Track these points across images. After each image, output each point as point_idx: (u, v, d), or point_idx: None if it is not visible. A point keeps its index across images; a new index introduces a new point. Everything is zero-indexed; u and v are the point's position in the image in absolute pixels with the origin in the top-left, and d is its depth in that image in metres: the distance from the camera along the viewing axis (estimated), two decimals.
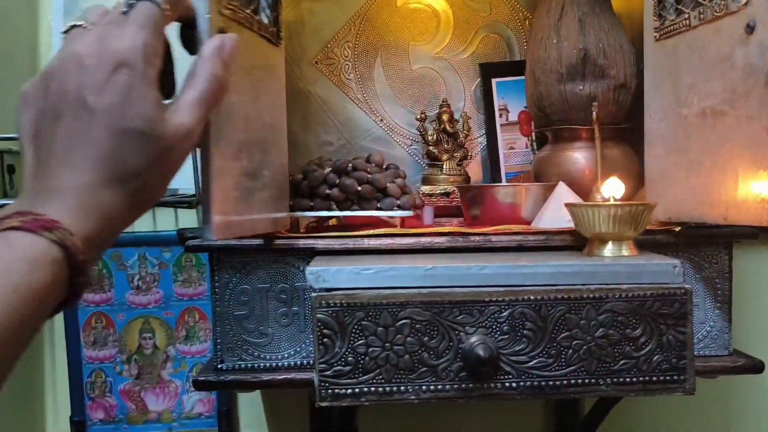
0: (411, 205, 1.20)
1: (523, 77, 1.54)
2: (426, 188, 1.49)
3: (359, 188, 1.17)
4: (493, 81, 1.57)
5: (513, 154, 1.57)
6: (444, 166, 1.50)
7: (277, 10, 1.10)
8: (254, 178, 0.98)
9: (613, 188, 1.03)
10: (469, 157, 1.53)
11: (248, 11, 0.97)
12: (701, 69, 1.00)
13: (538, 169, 1.44)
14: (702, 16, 0.99)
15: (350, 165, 1.21)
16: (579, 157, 1.37)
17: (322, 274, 0.92)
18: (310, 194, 1.20)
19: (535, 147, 1.57)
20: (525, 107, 1.58)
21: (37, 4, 1.62)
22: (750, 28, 0.90)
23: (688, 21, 1.03)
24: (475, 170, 1.61)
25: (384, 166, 1.28)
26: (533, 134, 1.57)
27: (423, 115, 1.56)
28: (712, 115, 0.97)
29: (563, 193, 1.20)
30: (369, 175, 1.19)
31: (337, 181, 1.18)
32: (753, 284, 1.66)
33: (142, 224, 1.55)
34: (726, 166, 0.95)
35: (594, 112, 1.31)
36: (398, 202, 1.19)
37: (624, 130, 1.40)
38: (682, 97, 1.05)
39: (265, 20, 1.08)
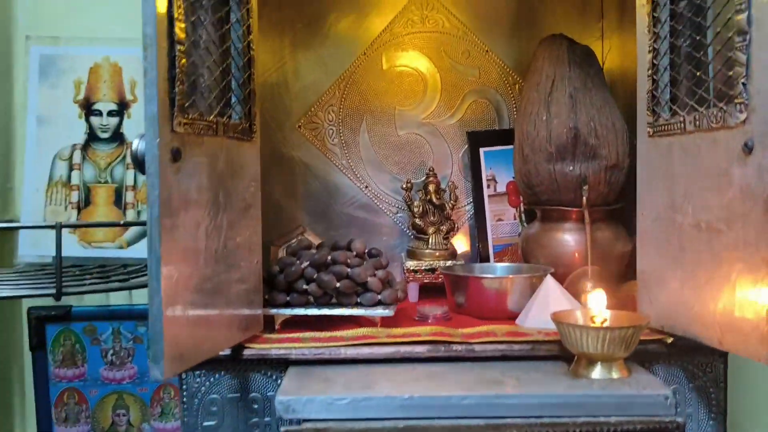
0: (393, 299, 1.15)
1: (511, 147, 1.49)
2: (411, 264, 1.43)
3: (338, 284, 1.12)
4: (481, 150, 1.52)
5: (501, 225, 1.51)
6: (430, 240, 1.45)
7: (249, 102, 1.05)
8: (218, 282, 0.93)
9: (597, 302, 0.98)
10: (455, 229, 1.48)
11: (211, 118, 0.91)
12: (696, 178, 0.95)
13: (526, 247, 1.39)
14: (698, 123, 0.95)
15: (329, 257, 1.15)
16: (569, 239, 1.32)
17: (293, 404, 0.86)
18: (287, 288, 1.14)
19: (523, 219, 1.51)
20: (513, 177, 1.52)
21: (12, 64, 1.57)
22: (748, 148, 0.85)
23: (682, 124, 0.98)
24: (462, 241, 1.56)
25: (366, 252, 1.23)
26: (521, 206, 1.52)
27: (409, 184, 1.50)
28: (708, 231, 0.93)
29: (551, 289, 1.15)
30: (348, 269, 1.13)
31: (315, 276, 1.13)
32: (750, 392, 1.60)
33: (117, 298, 1.50)
34: (722, 287, 0.90)
35: (584, 198, 1.26)
36: (379, 296, 1.14)
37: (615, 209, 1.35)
38: (677, 203, 1.00)
39: (236, 117, 1.02)
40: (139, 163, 0.84)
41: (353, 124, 1.57)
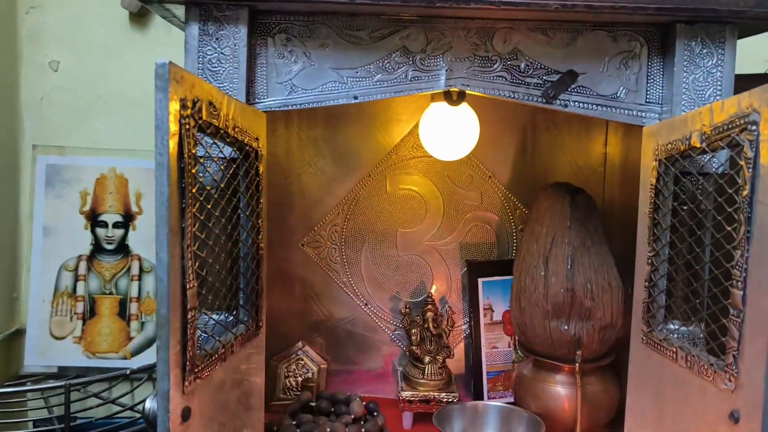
0: None
1: (508, 278, 1.52)
2: (406, 394, 1.48)
3: None
4: (480, 281, 1.55)
5: (495, 353, 1.56)
6: (426, 369, 1.49)
7: (257, 302, 1.07)
8: None
9: None
10: (452, 355, 1.52)
11: (219, 350, 0.94)
12: (686, 414, 0.99)
13: (519, 390, 1.43)
14: (689, 363, 0.98)
15: (328, 430, 1.20)
16: (560, 392, 1.37)
17: None
18: None
19: (518, 350, 1.56)
20: (509, 306, 1.56)
21: (18, 173, 1.58)
22: (734, 419, 0.89)
23: (675, 355, 1.01)
24: (456, 365, 1.60)
25: (363, 416, 1.28)
26: (516, 336, 1.56)
27: (407, 309, 1.54)
28: None
29: None
30: None
31: None
32: None
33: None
34: None
35: (577, 363, 1.30)
36: None
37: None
38: (665, 427, 1.04)
39: (245, 318, 1.06)
40: (150, 422, 0.87)
41: (355, 244, 1.59)
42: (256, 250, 1.07)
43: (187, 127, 0.83)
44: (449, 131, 1.28)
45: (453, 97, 1.21)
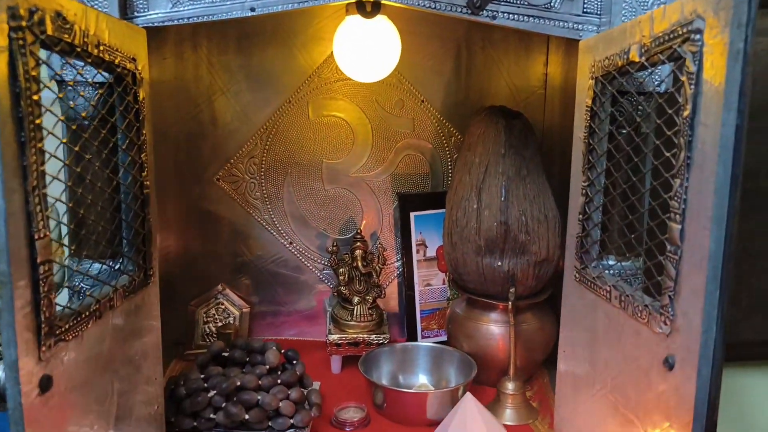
0: (306, 422, 1.11)
1: (442, 210, 1.42)
2: (334, 337, 1.39)
3: (246, 416, 1.07)
4: (412, 215, 1.44)
5: (429, 291, 1.47)
6: (355, 311, 1.39)
7: (146, 247, 0.95)
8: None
9: None
10: (383, 295, 1.43)
11: (93, 306, 0.82)
12: (618, 358, 0.91)
13: (452, 329, 1.35)
14: (623, 304, 0.89)
15: (238, 383, 1.10)
16: (494, 331, 1.29)
17: None
18: (193, 415, 1.09)
19: (451, 286, 1.47)
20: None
21: None
22: (669, 365, 0.81)
23: (608, 294, 0.93)
24: (390, 304, 1.51)
25: (282, 357, 1.18)
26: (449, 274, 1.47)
27: (335, 247, 1.43)
28: (623, 416, 0.90)
29: (469, 412, 1.12)
30: (258, 396, 1.08)
31: (223, 405, 1.08)
32: None
33: None
34: None
35: (510, 301, 1.22)
36: (291, 420, 1.10)
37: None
38: (598, 369, 0.96)
39: (130, 268, 0.93)
40: (2, 397, 0.75)
41: (276, 178, 1.46)
42: (140, 189, 0.93)
43: (21, 42, 0.67)
44: (365, 48, 1.14)
45: (367, 9, 1.06)
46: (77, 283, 0.93)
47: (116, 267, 0.92)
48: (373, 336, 1.39)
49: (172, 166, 1.43)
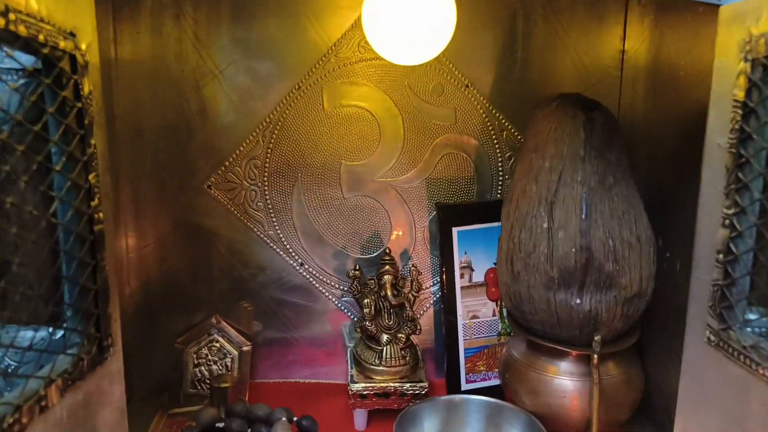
0: None
1: (495, 224, 1.13)
2: (357, 387, 1.10)
3: None
4: (455, 231, 1.14)
5: (476, 325, 1.17)
6: (384, 352, 1.10)
7: (100, 308, 0.65)
8: None
9: None
10: (418, 331, 1.13)
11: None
12: None
13: (510, 381, 1.06)
14: None
15: None
16: (566, 386, 1.00)
17: None
18: None
19: (505, 319, 1.18)
20: (494, 263, 1.17)
21: None
22: None
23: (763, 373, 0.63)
24: (422, 338, 1.22)
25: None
26: (506, 308, 1.17)
27: (357, 271, 1.14)
28: None
29: None
30: None
31: None
32: None
33: None
34: None
35: (595, 352, 0.92)
36: None
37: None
38: None
39: (77, 339, 0.63)
40: None
41: (284, 184, 1.16)
42: (87, 226, 0.63)
43: None
44: (407, 20, 0.83)
45: None
46: None
47: (52, 339, 0.63)
48: (408, 385, 1.10)
49: (150, 171, 1.13)
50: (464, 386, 1.17)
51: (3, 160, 0.53)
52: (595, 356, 0.92)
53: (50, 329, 0.62)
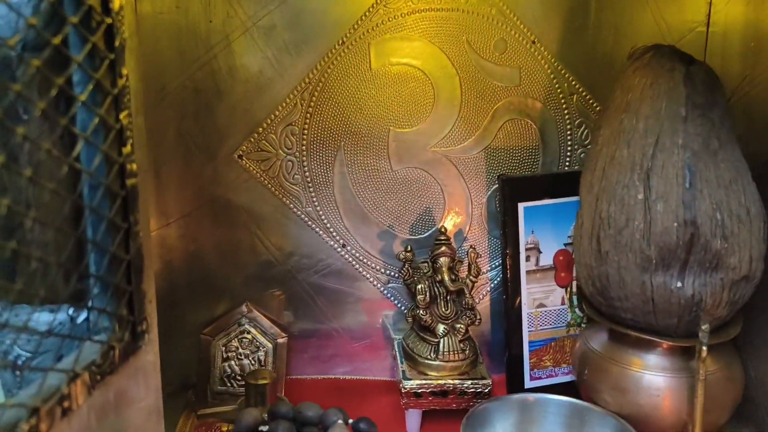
0: None
1: (565, 200, 0.99)
2: (412, 384, 0.96)
3: None
4: (521, 206, 1.00)
5: (543, 314, 1.03)
6: (440, 345, 0.97)
7: (134, 283, 0.51)
8: None
9: None
10: (477, 322, 0.99)
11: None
12: None
13: (589, 377, 0.92)
14: None
15: None
16: (658, 383, 0.86)
17: None
18: None
19: (575, 308, 1.04)
20: (565, 245, 1.03)
21: None
22: None
23: None
24: (477, 331, 1.08)
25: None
26: (574, 284, 1.04)
27: (408, 253, 1.00)
28: None
29: None
30: None
31: None
32: None
33: None
34: None
35: (703, 344, 0.78)
36: None
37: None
38: None
39: (105, 324, 0.50)
40: None
41: (324, 154, 1.02)
42: (119, 179, 0.49)
43: None
44: None
45: None
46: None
47: (74, 322, 0.49)
48: (469, 382, 0.97)
49: (173, 139, 0.99)
50: (528, 383, 1.04)
51: (12, 76, 0.40)
52: (704, 348, 0.78)
53: (71, 310, 0.48)
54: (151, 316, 0.54)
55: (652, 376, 0.86)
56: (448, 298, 0.99)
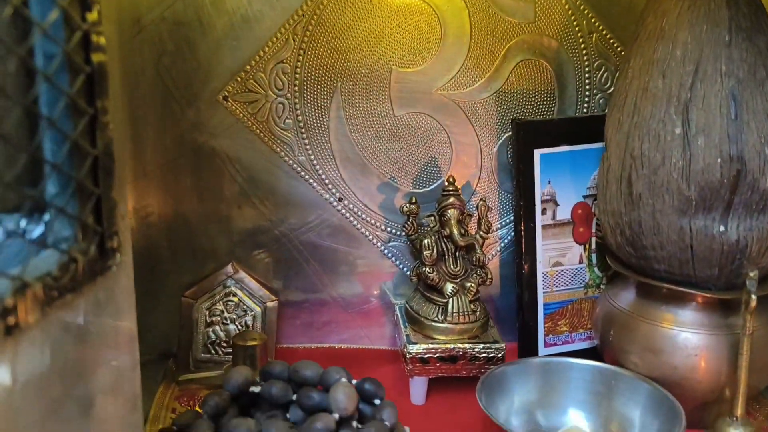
0: None
1: (588, 145, 0.90)
2: (416, 348, 0.86)
3: None
4: (536, 153, 0.91)
5: (559, 274, 0.94)
6: (449, 306, 0.87)
7: (104, 186, 0.41)
8: None
9: None
10: (488, 281, 0.90)
11: None
12: None
13: (616, 338, 0.83)
14: None
15: None
16: (693, 341, 0.77)
17: None
18: None
19: (594, 266, 0.95)
20: (584, 196, 0.94)
21: None
22: None
23: None
24: (489, 295, 0.99)
25: (358, 395, 0.65)
26: (594, 240, 0.95)
27: (413, 205, 0.90)
28: None
29: None
30: None
31: None
32: None
33: None
34: None
35: (752, 293, 0.70)
36: None
37: None
38: None
39: (66, 234, 0.39)
40: None
41: (319, 97, 0.92)
42: (82, 49, 0.39)
43: None
44: None
45: None
46: None
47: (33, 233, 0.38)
48: (481, 346, 0.87)
49: (151, 78, 0.89)
50: (542, 351, 0.95)
51: None
52: (753, 298, 0.70)
53: (24, 222, 0.38)
54: (123, 235, 0.44)
55: (689, 333, 0.78)
56: (457, 254, 0.90)
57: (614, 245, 0.83)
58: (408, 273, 0.97)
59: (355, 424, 0.64)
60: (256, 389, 0.66)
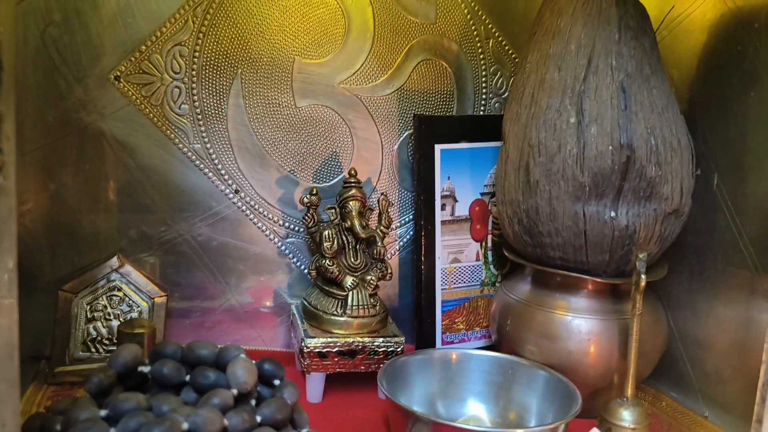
0: None
1: (486, 144, 0.92)
2: (314, 342, 0.83)
3: None
4: (437, 148, 0.92)
5: (457, 271, 0.95)
6: (349, 299, 0.85)
7: None
8: None
9: None
10: (389, 275, 0.89)
11: None
12: None
13: (512, 329, 0.84)
14: None
15: (185, 426, 0.52)
16: (583, 327, 0.80)
17: None
18: None
19: (490, 264, 0.97)
20: (482, 194, 0.96)
21: None
22: None
23: None
24: (389, 294, 0.98)
25: (257, 373, 0.62)
26: (490, 238, 0.97)
27: (314, 196, 0.88)
28: None
29: None
30: None
31: None
32: None
33: None
34: None
35: (642, 274, 0.73)
36: None
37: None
38: None
39: None
40: None
41: (218, 82, 0.89)
42: None
43: None
44: None
45: None
46: None
47: None
48: (380, 340, 0.86)
49: (34, 51, 0.83)
50: (439, 348, 0.94)
51: None
52: (642, 277, 0.72)
53: None
54: (8, 157, 0.39)
55: (581, 319, 0.80)
56: (358, 247, 0.89)
57: (511, 235, 0.84)
58: (305, 271, 0.94)
59: (253, 402, 0.60)
60: (145, 369, 0.61)
